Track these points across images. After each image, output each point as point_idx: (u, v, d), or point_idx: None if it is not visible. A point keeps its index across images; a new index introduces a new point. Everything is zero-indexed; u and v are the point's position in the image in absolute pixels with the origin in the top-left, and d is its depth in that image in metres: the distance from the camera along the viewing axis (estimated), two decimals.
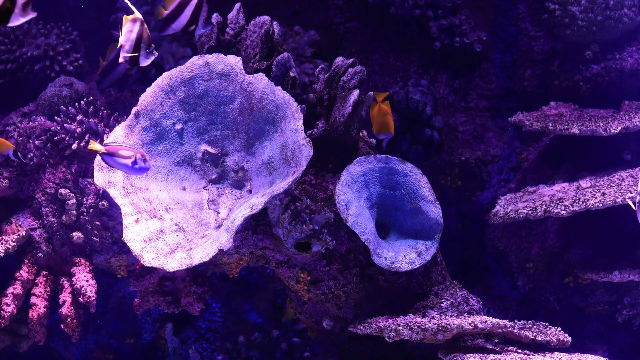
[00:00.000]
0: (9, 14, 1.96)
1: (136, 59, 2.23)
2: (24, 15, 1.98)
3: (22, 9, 1.97)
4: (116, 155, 2.32)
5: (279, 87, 2.51)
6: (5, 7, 1.95)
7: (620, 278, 2.84)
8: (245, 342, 2.90)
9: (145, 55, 2.24)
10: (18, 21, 1.98)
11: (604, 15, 3.08)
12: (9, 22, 1.97)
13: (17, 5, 1.96)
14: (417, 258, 2.57)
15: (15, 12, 1.97)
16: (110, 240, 2.78)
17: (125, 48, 2.22)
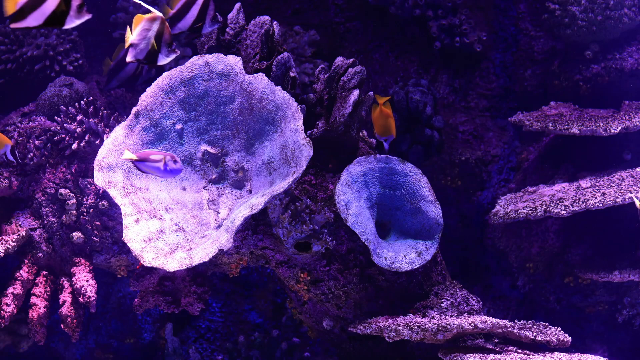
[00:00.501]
0: (64, 16, 1.96)
1: (153, 58, 2.19)
2: (79, 17, 1.97)
3: (77, 11, 1.96)
4: (148, 161, 2.32)
5: (279, 87, 2.51)
6: (61, 9, 1.94)
7: (620, 278, 2.84)
8: (245, 342, 2.90)
9: (166, 54, 2.20)
10: (73, 23, 1.97)
11: (604, 15, 3.08)
12: (64, 25, 1.97)
13: (72, 7, 1.95)
14: (417, 258, 2.57)
15: (70, 14, 1.96)
16: (110, 240, 2.78)
17: (140, 46, 2.17)
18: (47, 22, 1.95)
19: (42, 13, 1.94)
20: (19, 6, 1.93)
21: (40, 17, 1.94)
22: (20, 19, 1.95)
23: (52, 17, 1.95)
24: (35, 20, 1.95)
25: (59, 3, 1.94)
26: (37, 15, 1.94)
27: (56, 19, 1.95)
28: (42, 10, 1.94)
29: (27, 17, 1.94)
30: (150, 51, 2.18)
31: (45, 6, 1.93)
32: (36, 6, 1.94)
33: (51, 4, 1.94)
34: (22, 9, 1.94)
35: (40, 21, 1.95)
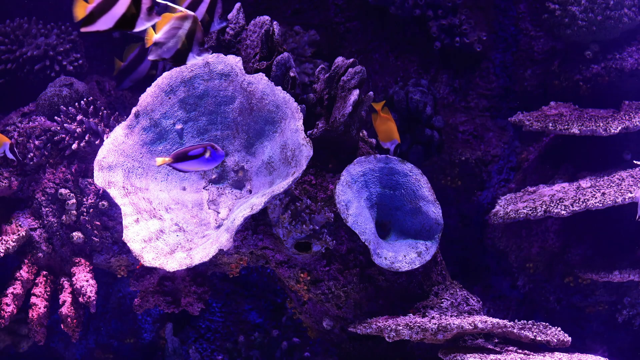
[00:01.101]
0: (135, 19, 1.94)
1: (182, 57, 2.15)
2: (150, 19, 1.96)
3: (148, 14, 1.95)
4: (187, 159, 2.29)
5: (279, 87, 2.51)
6: (131, 12, 1.94)
7: (620, 278, 2.84)
8: (245, 342, 2.90)
9: (197, 53, 2.16)
10: (144, 26, 1.96)
11: (604, 15, 3.08)
12: (135, 28, 1.95)
13: (142, 10, 1.95)
14: (417, 258, 2.57)
15: (140, 16, 1.95)
16: (110, 240, 2.78)
17: (167, 45, 2.12)
18: (118, 26, 1.94)
19: (112, 16, 1.94)
20: (89, 10, 1.93)
21: (110, 20, 1.94)
22: (90, 23, 1.94)
23: (122, 20, 1.94)
24: (105, 24, 1.94)
25: (129, 6, 1.93)
26: (107, 19, 1.94)
27: (126, 22, 1.95)
28: (112, 14, 1.93)
29: (97, 21, 1.94)
30: (180, 50, 2.13)
31: (115, 9, 1.93)
32: (106, 10, 1.93)
33: (121, 7, 1.93)
34: (92, 13, 1.93)
35: (110, 25, 1.94)
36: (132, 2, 1.94)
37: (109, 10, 1.94)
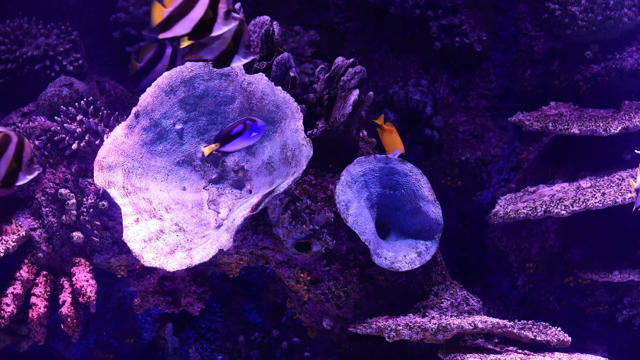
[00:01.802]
0: (212, 23, 1.93)
1: (227, 59, 2.10)
2: (227, 23, 1.94)
3: (224, 18, 1.94)
4: (232, 139, 2.26)
5: (279, 87, 2.51)
6: (208, 16, 1.92)
7: (620, 278, 2.84)
8: (245, 342, 2.90)
9: (243, 55, 2.11)
10: (221, 30, 1.94)
11: (604, 15, 3.08)
12: (212, 32, 1.94)
13: (219, 14, 1.93)
14: (417, 258, 2.57)
15: (217, 21, 1.94)
16: (110, 240, 2.78)
17: (212, 46, 2.07)
18: (195, 30, 1.93)
19: (189, 21, 1.93)
20: (166, 15, 1.92)
21: (187, 25, 1.93)
22: (167, 29, 1.93)
23: (200, 24, 1.93)
24: (182, 29, 1.93)
25: (206, 10, 1.92)
26: (184, 24, 1.93)
27: (204, 27, 1.93)
28: (189, 18, 1.93)
29: (174, 26, 1.93)
30: (225, 51, 2.09)
31: (192, 14, 1.92)
32: (183, 14, 1.92)
33: (198, 11, 1.92)
34: (169, 18, 1.92)
35: (187, 29, 1.93)
36: (209, 7, 1.92)
37: (186, 15, 1.93)
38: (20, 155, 2.05)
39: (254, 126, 2.24)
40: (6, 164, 2.04)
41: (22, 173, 2.06)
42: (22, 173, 2.06)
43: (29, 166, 2.07)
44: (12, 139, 2.04)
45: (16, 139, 2.04)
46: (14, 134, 2.04)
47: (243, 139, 2.26)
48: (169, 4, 1.93)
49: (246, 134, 2.24)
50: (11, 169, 2.04)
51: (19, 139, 2.04)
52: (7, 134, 2.03)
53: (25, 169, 2.06)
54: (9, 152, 2.04)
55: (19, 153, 2.05)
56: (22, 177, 2.06)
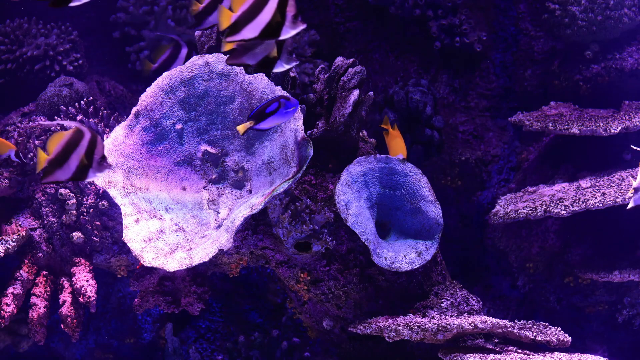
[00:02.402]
0: (280, 27, 1.92)
1: (270, 64, 2.09)
2: (295, 27, 1.93)
3: (292, 21, 1.93)
4: (266, 116, 2.24)
5: (279, 87, 2.51)
6: (276, 20, 1.92)
7: (620, 278, 2.84)
8: (245, 342, 2.90)
9: (285, 61, 2.10)
10: (289, 34, 1.93)
11: (604, 15, 3.08)
12: (280, 36, 1.93)
13: (287, 18, 1.92)
14: (417, 258, 2.57)
15: (285, 24, 1.93)
16: (110, 240, 2.78)
17: (255, 51, 2.06)
18: (263, 34, 1.92)
19: (257, 25, 1.92)
20: (234, 19, 1.91)
21: (255, 29, 1.92)
22: (235, 33, 1.92)
23: (268, 28, 1.92)
24: (250, 33, 1.92)
25: (274, 14, 1.91)
26: (252, 28, 1.92)
27: (272, 30, 1.92)
28: (257, 22, 1.91)
29: (242, 30, 1.92)
30: (269, 57, 2.09)
31: (260, 18, 1.91)
32: (251, 18, 1.91)
33: (266, 15, 1.91)
34: (237, 22, 1.92)
35: (255, 33, 1.92)
36: (277, 10, 1.91)
37: (254, 18, 1.91)
38: (92, 152, 2.02)
39: (287, 103, 2.22)
40: (77, 160, 2.01)
41: (92, 170, 2.03)
42: (92, 170, 2.03)
43: (100, 164, 2.04)
44: (85, 135, 2.01)
45: (89, 135, 2.01)
46: (87, 130, 2.01)
47: (278, 116, 2.24)
48: (236, 8, 1.92)
49: (281, 112, 2.22)
50: (82, 165, 2.01)
51: (92, 136, 2.01)
52: (80, 130, 2.01)
53: (95, 166, 2.03)
54: (80, 148, 2.01)
55: (90, 150, 2.02)
56: (91, 174, 2.03)
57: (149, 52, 3.18)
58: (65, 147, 2.00)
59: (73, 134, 2.00)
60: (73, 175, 2.03)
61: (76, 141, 2.01)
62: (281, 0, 1.90)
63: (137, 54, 3.22)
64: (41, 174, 2.01)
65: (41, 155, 2.00)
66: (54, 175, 2.01)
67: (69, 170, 2.02)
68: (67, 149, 2.00)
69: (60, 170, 2.01)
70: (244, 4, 1.91)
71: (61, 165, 2.01)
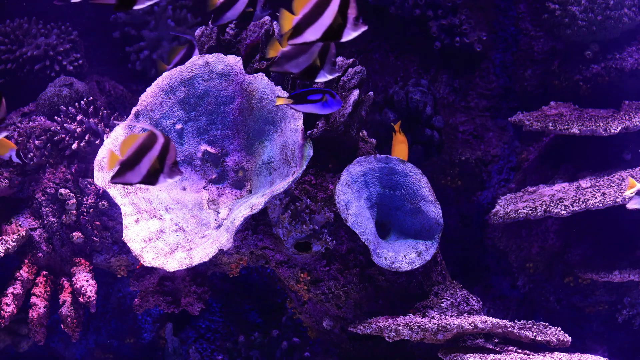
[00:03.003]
0: (342, 29, 1.92)
1: (312, 74, 2.09)
2: (356, 29, 1.93)
3: (354, 24, 1.93)
4: (305, 102, 2.22)
5: (279, 87, 2.51)
6: (338, 22, 1.91)
7: (620, 278, 2.84)
8: (245, 342, 2.90)
9: (329, 71, 2.10)
10: (350, 36, 1.93)
11: (604, 15, 3.08)
12: (341, 38, 1.93)
13: (348, 20, 1.92)
14: (417, 258, 2.57)
15: (347, 27, 1.93)
16: (110, 240, 2.78)
17: (298, 60, 2.06)
18: (324, 37, 1.93)
19: (319, 27, 1.92)
20: (295, 22, 1.92)
21: (317, 31, 1.92)
22: (297, 35, 1.93)
23: (329, 31, 1.92)
24: (312, 35, 1.93)
25: (336, 16, 1.91)
26: (313, 30, 1.92)
27: (333, 33, 1.92)
28: (319, 25, 1.92)
29: (304, 33, 1.93)
30: (311, 66, 2.08)
31: (322, 20, 1.91)
32: (312, 21, 1.92)
33: (328, 18, 1.91)
34: (298, 25, 1.92)
35: (317, 36, 1.93)
36: (339, 12, 1.91)
37: (316, 21, 1.92)
38: (165, 157, 2.01)
39: (330, 100, 2.22)
40: (149, 164, 2.00)
41: (163, 174, 2.02)
42: (164, 175, 2.02)
43: (172, 169, 2.02)
44: (158, 139, 2.00)
45: (162, 139, 2.00)
46: (160, 135, 2.00)
47: (315, 106, 2.24)
48: (298, 11, 1.92)
49: (319, 105, 2.23)
50: (153, 169, 2.00)
51: (165, 140, 2.00)
52: (154, 134, 1.99)
53: (167, 171, 2.02)
54: (153, 152, 2.00)
55: (163, 154, 2.01)
56: (162, 179, 2.02)
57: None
58: (139, 150, 1.99)
59: (146, 137, 1.99)
60: (144, 178, 2.01)
61: (149, 145, 2.00)
62: (342, 3, 1.90)
63: (137, 54, 3.22)
64: (113, 176, 2.00)
65: (113, 155, 1.99)
66: (124, 177, 2.00)
67: (140, 174, 2.01)
68: (140, 152, 1.99)
69: (131, 173, 2.00)
70: (305, 6, 1.92)
71: (132, 167, 2.00)
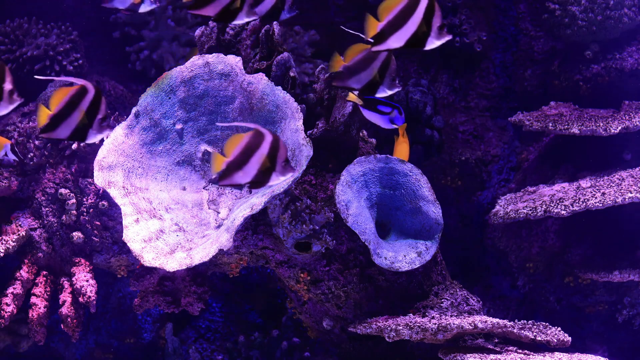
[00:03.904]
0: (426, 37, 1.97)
1: (373, 89, 2.11)
2: (440, 38, 1.97)
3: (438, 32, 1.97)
4: (373, 110, 2.23)
5: (279, 87, 2.51)
6: (422, 30, 1.95)
7: (620, 278, 2.84)
8: (245, 342, 2.90)
9: (389, 87, 2.12)
10: (433, 44, 1.97)
11: (604, 15, 3.08)
12: (425, 46, 1.96)
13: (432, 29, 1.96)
14: (417, 258, 2.57)
15: (431, 35, 1.97)
16: (110, 240, 2.78)
17: (359, 75, 2.09)
18: (408, 44, 1.95)
19: (403, 34, 1.95)
20: (380, 28, 1.95)
21: (401, 38, 1.95)
22: (381, 41, 1.96)
23: (413, 38, 1.95)
24: (396, 42, 1.96)
25: (420, 24, 1.93)
26: (398, 37, 1.95)
27: (417, 41, 1.95)
28: (404, 32, 1.95)
29: (388, 39, 1.96)
30: (372, 82, 2.10)
31: (407, 28, 1.94)
32: (397, 28, 1.95)
33: (412, 25, 1.94)
34: (383, 31, 1.95)
35: (401, 43, 1.96)
36: (423, 20, 1.93)
37: (400, 28, 1.94)
38: (275, 155, 1.97)
39: (397, 117, 2.25)
40: (259, 163, 1.97)
41: (275, 173, 1.98)
42: (276, 173, 1.98)
43: (284, 167, 1.98)
44: (266, 137, 1.96)
45: (270, 137, 1.96)
46: (268, 133, 1.96)
47: (382, 119, 2.26)
48: (383, 17, 1.94)
49: (386, 118, 2.24)
50: (264, 167, 1.96)
51: (273, 138, 1.96)
52: (260, 132, 1.96)
53: (280, 170, 1.98)
54: (262, 150, 1.96)
55: (273, 152, 1.96)
56: (274, 177, 1.98)
57: (148, 52, 3.18)
58: (245, 149, 1.96)
59: (253, 136, 1.96)
60: (254, 178, 1.98)
61: (257, 144, 1.96)
62: (428, 11, 1.92)
63: (137, 54, 3.22)
64: (217, 176, 1.97)
65: (219, 157, 1.96)
66: (231, 177, 1.97)
67: (249, 174, 1.97)
68: (247, 151, 1.96)
69: (239, 173, 1.97)
70: (389, 13, 1.94)
71: (240, 167, 1.97)
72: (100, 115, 1.98)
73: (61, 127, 1.98)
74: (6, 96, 1.98)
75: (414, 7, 1.93)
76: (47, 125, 1.97)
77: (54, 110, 1.96)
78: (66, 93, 1.96)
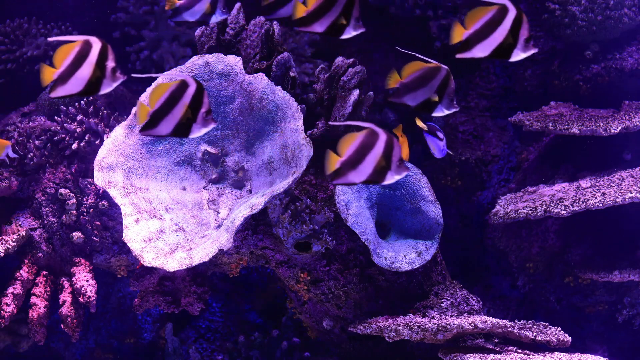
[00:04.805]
0: (512, 49, 1.97)
1: (429, 110, 2.10)
2: (526, 50, 1.97)
3: (524, 45, 1.97)
4: (429, 133, 2.25)
5: (279, 87, 2.51)
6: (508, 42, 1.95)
7: (620, 278, 2.84)
8: (245, 342, 2.90)
9: (447, 106, 2.09)
10: (519, 57, 1.97)
11: (604, 15, 3.08)
12: (510, 57, 1.96)
13: (519, 41, 1.96)
14: (417, 258, 2.57)
15: (517, 47, 1.97)
16: (110, 240, 2.78)
17: (415, 93, 2.07)
18: (493, 54, 1.96)
19: (489, 44, 1.94)
20: (466, 36, 1.95)
21: (487, 48, 1.95)
22: (466, 49, 1.95)
23: (499, 49, 1.95)
24: (481, 52, 1.95)
25: (507, 36, 1.94)
26: (484, 46, 1.95)
27: (502, 52, 1.95)
28: (489, 42, 1.95)
29: (474, 48, 1.95)
30: (427, 101, 2.09)
31: (494, 37, 1.94)
32: (482, 38, 1.94)
33: (498, 36, 1.94)
34: (469, 39, 1.95)
35: (486, 53, 1.95)
36: (510, 32, 1.93)
37: (486, 38, 1.94)
38: (390, 154, 1.95)
39: (443, 148, 2.33)
40: (374, 162, 1.96)
41: (390, 172, 1.96)
42: (391, 172, 1.96)
43: (399, 166, 1.96)
44: (381, 136, 1.94)
45: (385, 136, 1.94)
46: (382, 132, 1.94)
47: (437, 145, 2.33)
48: (469, 26, 1.94)
49: (439, 146, 2.26)
50: (379, 167, 1.95)
51: (388, 137, 1.94)
52: (374, 131, 1.94)
53: (395, 169, 1.96)
54: (377, 149, 1.95)
55: (388, 151, 1.95)
56: (389, 177, 1.97)
57: (148, 52, 3.18)
58: (360, 148, 1.95)
59: (367, 135, 1.95)
60: (369, 177, 1.97)
61: (370, 143, 1.95)
62: (515, 22, 1.92)
63: (137, 54, 3.22)
64: (331, 175, 1.97)
65: (333, 156, 1.95)
66: (346, 177, 1.96)
67: (364, 173, 1.96)
68: (362, 150, 1.95)
69: (354, 172, 1.96)
70: (477, 22, 1.93)
71: (355, 167, 1.96)
72: (204, 109, 1.97)
73: (162, 123, 1.97)
74: (109, 74, 1.96)
75: (502, 18, 1.92)
76: (148, 122, 1.96)
77: (154, 106, 1.95)
78: (166, 88, 1.96)
